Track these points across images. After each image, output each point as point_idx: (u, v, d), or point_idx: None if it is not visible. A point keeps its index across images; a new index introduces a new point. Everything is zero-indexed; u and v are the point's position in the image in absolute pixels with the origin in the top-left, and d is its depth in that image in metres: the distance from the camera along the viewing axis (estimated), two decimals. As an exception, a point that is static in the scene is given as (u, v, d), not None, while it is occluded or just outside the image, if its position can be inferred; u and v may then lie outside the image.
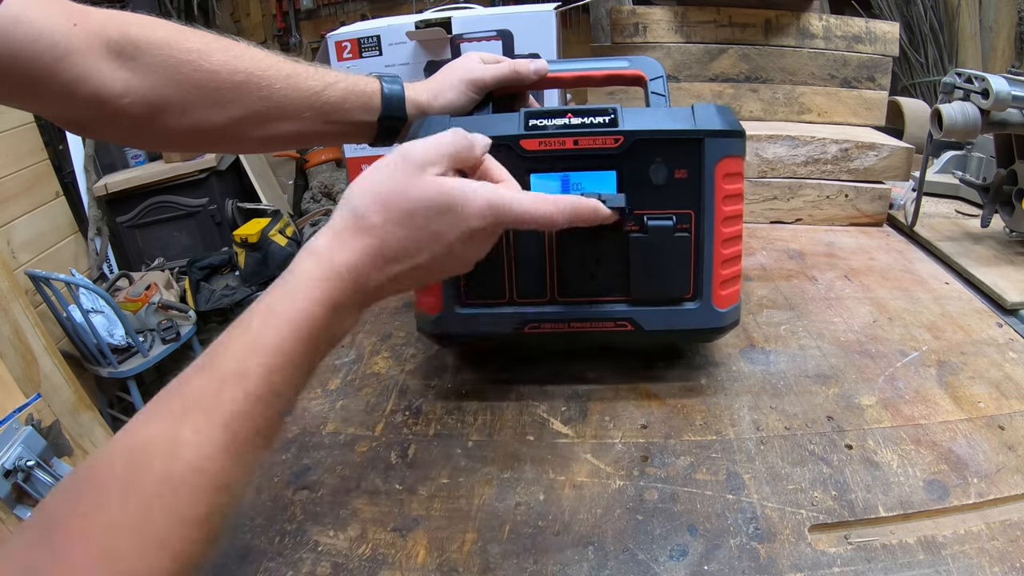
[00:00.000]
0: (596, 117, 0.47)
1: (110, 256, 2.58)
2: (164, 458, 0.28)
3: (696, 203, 0.48)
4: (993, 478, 0.42)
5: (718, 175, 0.48)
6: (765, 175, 0.89)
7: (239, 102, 0.49)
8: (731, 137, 0.48)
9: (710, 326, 0.51)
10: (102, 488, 0.27)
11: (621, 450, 0.47)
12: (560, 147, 0.47)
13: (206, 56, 0.47)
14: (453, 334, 0.53)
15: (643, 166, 0.48)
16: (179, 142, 0.51)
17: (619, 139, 0.47)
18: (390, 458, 0.48)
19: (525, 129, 0.47)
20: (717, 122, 0.47)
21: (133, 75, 0.44)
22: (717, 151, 0.47)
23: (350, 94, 0.53)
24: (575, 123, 0.47)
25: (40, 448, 1.45)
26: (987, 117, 0.69)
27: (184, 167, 2.64)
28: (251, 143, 0.53)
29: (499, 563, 0.38)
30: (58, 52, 0.41)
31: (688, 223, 0.49)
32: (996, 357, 0.56)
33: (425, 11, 0.95)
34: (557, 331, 0.51)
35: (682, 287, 0.50)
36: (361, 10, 3.44)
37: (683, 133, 0.47)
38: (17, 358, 1.65)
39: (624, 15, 1.02)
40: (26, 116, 2.24)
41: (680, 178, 0.48)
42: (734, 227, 0.50)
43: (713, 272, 0.49)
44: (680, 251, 0.49)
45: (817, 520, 0.40)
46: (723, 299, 0.50)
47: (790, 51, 1.00)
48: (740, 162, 0.49)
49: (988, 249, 0.76)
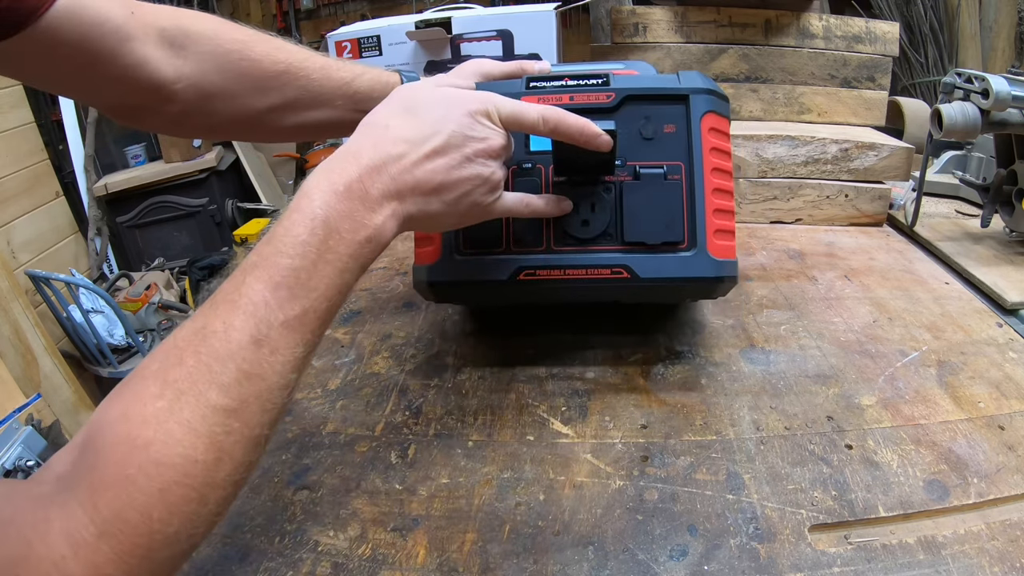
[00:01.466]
0: (590, 80, 0.52)
1: (110, 256, 2.58)
2: (194, 351, 0.29)
3: (686, 155, 0.51)
4: (993, 478, 0.42)
5: (704, 128, 0.51)
6: (765, 175, 0.89)
7: (280, 90, 0.52)
8: (714, 96, 0.52)
9: (705, 274, 0.51)
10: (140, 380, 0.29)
11: (621, 450, 0.47)
12: (557, 103, 0.50)
13: (250, 46, 0.50)
14: (449, 281, 0.53)
15: (634, 121, 0.51)
16: (223, 129, 0.54)
17: (611, 95, 0.51)
18: (390, 458, 0.48)
19: (526, 88, 0.52)
20: (700, 83, 0.52)
21: (185, 62, 0.48)
22: (702, 106, 0.51)
23: (376, 83, 0.57)
24: (571, 84, 0.51)
25: (40, 448, 1.45)
26: (987, 117, 0.69)
27: (184, 167, 2.64)
28: (286, 131, 0.56)
29: (499, 563, 0.38)
30: (120, 36, 0.43)
31: (679, 174, 0.51)
32: (996, 357, 0.56)
33: (425, 11, 0.95)
34: (552, 278, 0.51)
35: (676, 232, 0.51)
36: (361, 10, 3.44)
37: (670, 90, 0.52)
38: (17, 358, 1.65)
39: (624, 15, 1.02)
40: (26, 116, 2.24)
41: (669, 132, 0.51)
42: (724, 181, 0.52)
43: (706, 220, 0.50)
44: (672, 196, 0.51)
45: (817, 520, 0.40)
46: (718, 248, 0.51)
47: (790, 51, 1.00)
48: (725, 122, 0.53)
49: (988, 249, 0.76)
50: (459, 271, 0.52)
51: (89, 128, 2.51)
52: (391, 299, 0.72)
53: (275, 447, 0.50)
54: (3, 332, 1.65)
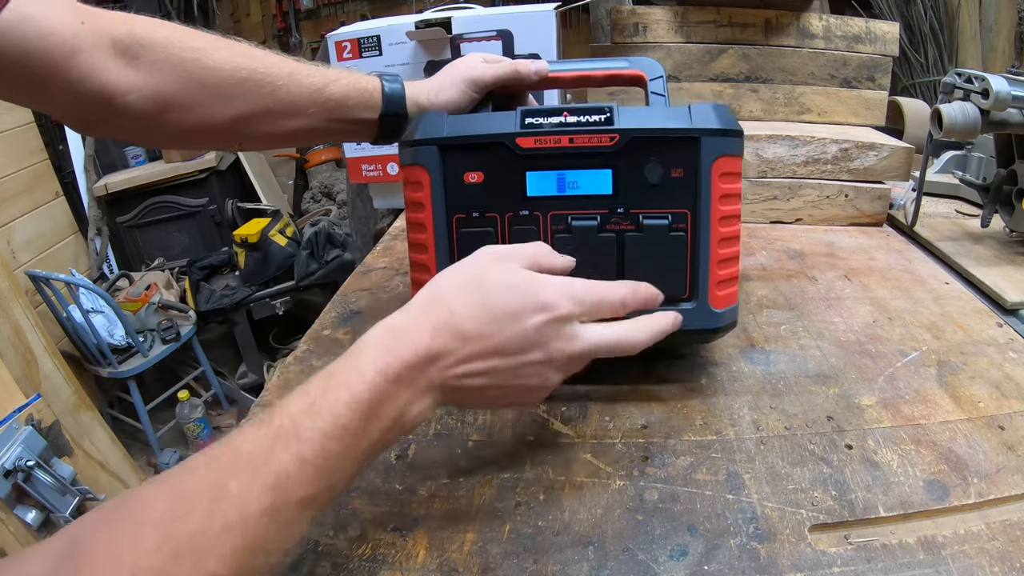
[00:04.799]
0: (592, 116, 0.47)
1: (110, 256, 2.58)
2: (204, 510, 0.28)
3: (692, 202, 0.48)
4: (993, 478, 0.42)
5: (715, 174, 0.47)
6: (765, 175, 0.89)
7: (243, 99, 0.49)
8: (728, 136, 0.47)
9: (706, 327, 0.50)
10: (140, 524, 0.27)
11: (621, 450, 0.47)
12: (556, 145, 0.47)
13: (208, 53, 0.47)
14: None
15: (639, 164, 0.48)
16: (186, 139, 0.51)
17: (615, 137, 0.47)
18: (390, 458, 0.48)
19: (521, 127, 0.47)
20: (714, 121, 0.47)
21: (138, 73, 0.45)
22: (714, 150, 0.47)
23: (352, 91, 0.53)
24: (571, 121, 0.47)
25: (40, 448, 1.45)
26: (987, 117, 0.69)
27: (184, 167, 2.64)
28: (257, 140, 0.53)
29: (499, 563, 0.38)
30: (67, 49, 0.41)
31: (684, 222, 0.48)
32: (996, 357, 0.56)
33: (425, 11, 0.95)
34: None
35: (678, 287, 0.49)
36: (361, 10, 3.44)
37: (679, 132, 0.47)
38: (17, 358, 1.65)
39: (624, 15, 1.02)
40: (26, 116, 2.24)
41: (676, 177, 0.47)
42: (731, 227, 0.49)
43: (709, 272, 0.49)
44: (675, 250, 0.48)
45: (817, 520, 0.40)
46: (720, 300, 0.50)
47: (790, 51, 1.00)
48: (738, 161, 0.48)
49: (988, 249, 0.76)
50: None
51: (89, 128, 2.50)
52: (391, 299, 0.72)
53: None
54: (3, 332, 1.65)
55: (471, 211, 0.50)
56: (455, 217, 0.50)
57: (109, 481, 1.69)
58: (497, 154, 0.48)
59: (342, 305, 0.72)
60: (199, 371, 2.33)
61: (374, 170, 0.96)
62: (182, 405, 2.15)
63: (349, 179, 1.08)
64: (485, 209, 0.50)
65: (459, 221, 0.50)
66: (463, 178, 0.49)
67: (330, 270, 2.33)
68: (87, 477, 1.61)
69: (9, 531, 1.34)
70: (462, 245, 0.50)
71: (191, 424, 2.17)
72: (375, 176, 0.97)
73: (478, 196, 0.49)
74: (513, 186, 0.49)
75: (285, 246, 2.35)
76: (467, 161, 0.49)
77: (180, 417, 2.17)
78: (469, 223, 0.50)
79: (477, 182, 0.49)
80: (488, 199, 0.49)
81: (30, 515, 1.38)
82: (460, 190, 0.49)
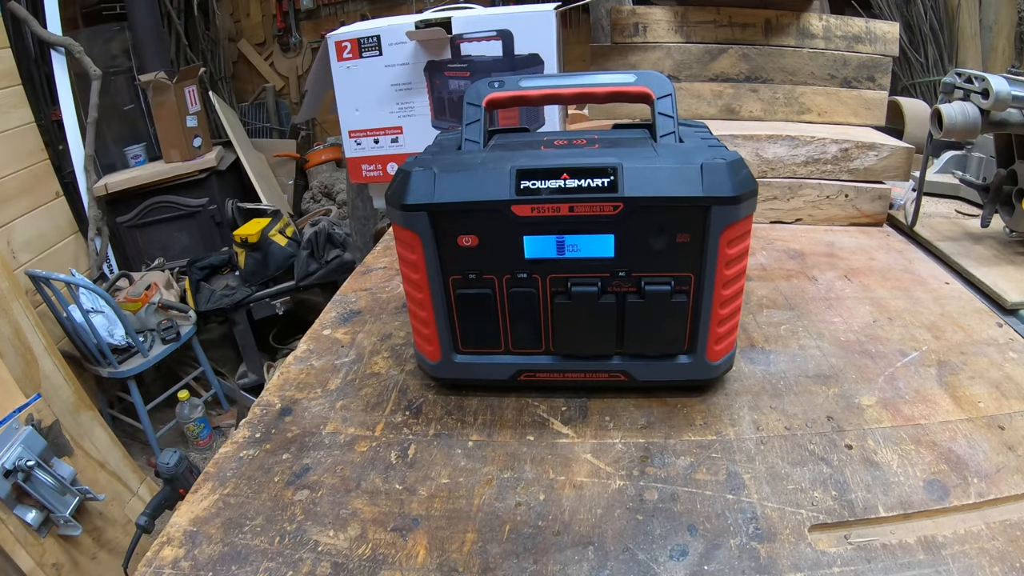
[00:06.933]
0: (594, 179, 0.43)
1: (110, 256, 2.58)
2: None
3: (697, 267, 0.46)
4: (993, 478, 0.42)
5: (723, 241, 0.44)
6: (765, 175, 0.89)
7: None
8: (741, 202, 0.44)
9: (701, 378, 0.51)
10: None
11: (621, 450, 0.47)
12: (554, 213, 0.44)
13: None
14: (452, 379, 0.54)
15: (643, 230, 0.45)
16: None
17: (619, 206, 0.43)
18: (390, 458, 0.48)
19: (516, 193, 0.44)
20: (727, 186, 0.43)
21: None
22: (724, 218, 0.44)
23: None
24: (571, 187, 0.43)
25: (40, 448, 1.45)
26: (987, 117, 0.69)
27: (184, 167, 2.64)
28: None
29: (499, 563, 0.38)
30: None
31: (687, 286, 0.46)
32: (996, 357, 0.56)
33: (425, 11, 0.95)
34: (552, 380, 0.52)
35: (677, 345, 0.49)
36: (361, 10, 3.44)
37: (688, 200, 0.43)
38: (17, 358, 1.65)
39: (624, 15, 1.02)
40: (26, 116, 2.24)
41: (682, 242, 0.45)
42: (735, 287, 0.48)
43: (709, 331, 0.48)
44: (677, 313, 0.48)
45: (817, 520, 0.40)
46: (717, 353, 0.50)
47: (790, 51, 1.00)
48: (748, 222, 0.45)
49: (988, 249, 0.76)
50: (460, 371, 0.52)
51: (89, 128, 2.51)
52: (391, 299, 0.72)
53: (275, 447, 0.50)
54: (3, 332, 1.65)
55: (467, 273, 0.48)
56: (451, 278, 0.48)
57: (109, 481, 1.69)
58: (491, 219, 0.45)
59: (342, 305, 0.72)
60: (199, 371, 2.33)
61: (374, 170, 0.96)
62: (182, 405, 2.15)
63: (349, 179, 1.08)
64: (482, 271, 0.48)
65: (455, 282, 0.48)
66: (456, 241, 0.47)
67: (330, 270, 2.33)
68: (87, 477, 1.60)
69: (9, 531, 1.34)
70: (460, 306, 0.49)
71: (191, 424, 2.18)
72: (375, 176, 0.97)
73: (474, 259, 0.47)
74: (510, 249, 0.46)
75: (285, 246, 2.36)
76: (460, 226, 0.46)
77: (180, 417, 2.17)
78: (466, 284, 0.48)
79: (472, 245, 0.47)
80: (484, 261, 0.47)
81: (30, 515, 1.38)
82: (454, 253, 0.47)
